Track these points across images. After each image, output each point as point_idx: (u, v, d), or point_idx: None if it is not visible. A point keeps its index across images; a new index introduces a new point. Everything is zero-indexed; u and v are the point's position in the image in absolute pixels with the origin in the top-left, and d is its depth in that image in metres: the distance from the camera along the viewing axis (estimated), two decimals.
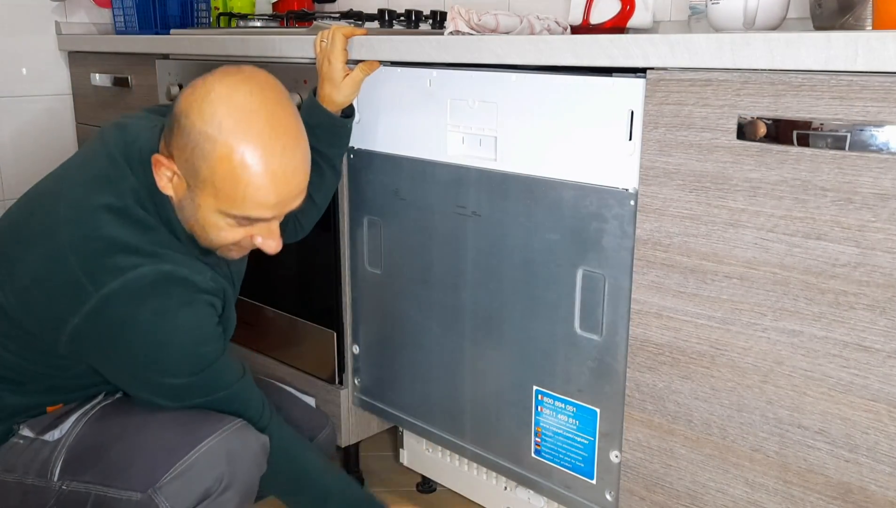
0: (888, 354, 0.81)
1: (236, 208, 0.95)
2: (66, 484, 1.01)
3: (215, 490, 0.98)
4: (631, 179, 0.98)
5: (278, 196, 0.95)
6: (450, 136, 1.17)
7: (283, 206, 0.97)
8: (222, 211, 0.96)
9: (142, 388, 1.01)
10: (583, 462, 1.11)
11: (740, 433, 0.94)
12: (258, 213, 0.96)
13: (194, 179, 0.95)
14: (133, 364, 0.98)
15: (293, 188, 0.97)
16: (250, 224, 0.98)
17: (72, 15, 2.08)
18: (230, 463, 0.99)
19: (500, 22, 1.25)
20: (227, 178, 0.93)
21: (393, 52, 1.19)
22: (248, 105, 0.93)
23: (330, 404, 1.43)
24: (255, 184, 0.93)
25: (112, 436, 1.03)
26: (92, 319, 0.94)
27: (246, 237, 1.00)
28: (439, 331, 1.25)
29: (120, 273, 0.93)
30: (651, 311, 0.98)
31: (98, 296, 0.93)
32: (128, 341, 0.95)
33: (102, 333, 0.95)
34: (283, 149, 0.94)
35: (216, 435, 1.00)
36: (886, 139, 0.78)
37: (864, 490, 0.86)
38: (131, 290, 0.93)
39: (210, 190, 0.94)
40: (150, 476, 0.97)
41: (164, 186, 0.98)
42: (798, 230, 0.85)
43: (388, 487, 1.54)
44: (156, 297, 0.95)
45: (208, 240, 1.00)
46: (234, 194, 0.94)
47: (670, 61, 0.90)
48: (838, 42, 0.77)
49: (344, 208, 1.35)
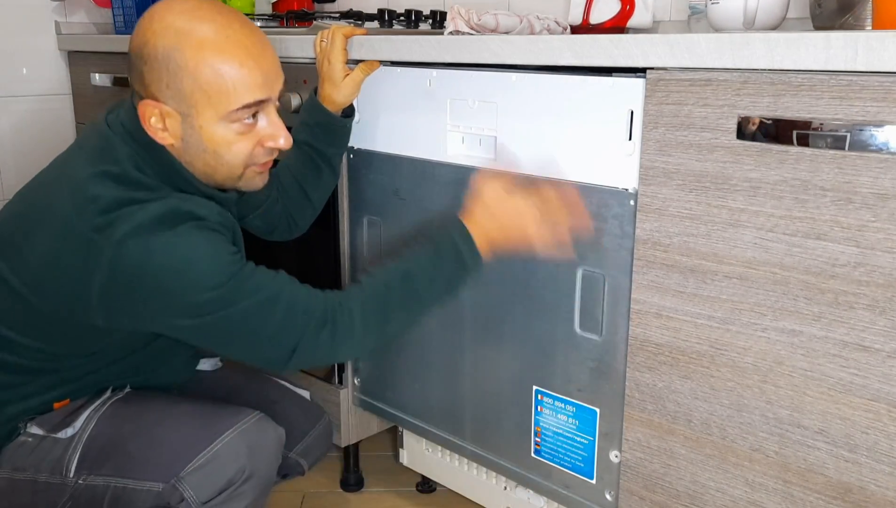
0: (888, 354, 0.81)
1: (232, 100, 0.96)
2: (82, 479, 1.01)
3: (237, 480, 1.00)
4: (631, 179, 0.98)
5: (261, 70, 0.97)
6: (450, 136, 1.17)
7: (270, 83, 0.99)
8: (222, 116, 0.97)
9: (184, 316, 0.96)
10: (582, 462, 1.11)
11: (740, 433, 0.94)
12: (253, 95, 0.97)
13: (184, 102, 0.96)
14: (168, 295, 0.94)
15: (270, 60, 0.99)
16: (253, 122, 0.99)
17: (72, 15, 2.08)
18: (251, 456, 1.01)
19: (500, 22, 1.25)
20: (209, 74, 0.95)
21: (393, 52, 1.19)
22: (188, 5, 0.97)
23: (330, 403, 1.43)
24: (236, 64, 0.95)
25: (130, 430, 1.03)
26: (114, 267, 0.93)
27: (257, 146, 1.01)
28: (439, 331, 1.25)
29: (128, 217, 0.93)
30: (651, 311, 0.98)
31: (113, 244, 0.92)
32: (155, 274, 0.93)
33: (130, 276, 0.93)
34: (241, 24, 0.98)
35: (236, 427, 1.01)
36: (886, 139, 0.78)
37: (864, 490, 0.86)
38: (143, 227, 0.93)
39: (202, 100, 0.96)
40: (173, 467, 0.99)
41: (161, 136, 0.98)
42: (798, 230, 0.85)
43: (388, 487, 1.54)
44: (168, 226, 0.94)
45: (227, 167, 1.00)
46: (223, 87, 0.95)
47: (670, 61, 0.90)
48: (838, 42, 0.77)
49: (344, 207, 1.35)
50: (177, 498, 0.99)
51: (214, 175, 1.02)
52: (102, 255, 0.92)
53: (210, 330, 0.96)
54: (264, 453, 1.03)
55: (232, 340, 0.97)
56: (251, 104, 0.97)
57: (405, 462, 1.48)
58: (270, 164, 1.05)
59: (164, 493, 0.99)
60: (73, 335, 1.02)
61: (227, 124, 0.97)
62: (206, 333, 0.97)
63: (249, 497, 1.02)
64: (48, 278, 0.96)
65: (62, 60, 2.06)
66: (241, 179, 1.03)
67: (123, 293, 0.94)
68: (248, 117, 0.98)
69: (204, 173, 1.01)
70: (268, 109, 1.01)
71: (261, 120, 1.00)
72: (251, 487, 1.02)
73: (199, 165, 1.00)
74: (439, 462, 1.41)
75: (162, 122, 0.97)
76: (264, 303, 0.96)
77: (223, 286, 0.94)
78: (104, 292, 0.94)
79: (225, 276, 0.95)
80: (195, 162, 1.00)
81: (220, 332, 0.96)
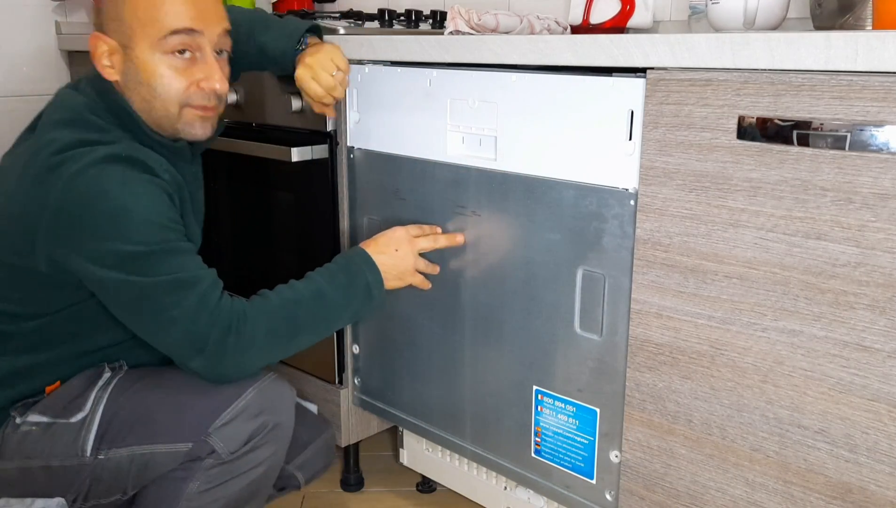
0: (888, 354, 0.81)
1: (162, 26, 1.02)
2: (102, 454, 1.05)
3: (261, 431, 1.07)
4: (631, 179, 0.98)
5: (193, 3, 1.03)
6: (450, 136, 1.17)
7: (204, 18, 1.04)
8: (153, 44, 1.02)
9: (105, 265, 1.00)
10: (583, 462, 1.11)
11: (740, 433, 0.94)
12: (181, 22, 1.02)
13: (124, 33, 1.03)
14: (98, 237, 0.98)
15: (206, 1, 1.05)
16: (188, 60, 1.05)
17: (72, 15, 2.08)
18: (272, 410, 1.08)
19: (500, 22, 1.25)
20: (144, 2, 1.02)
21: (393, 52, 1.20)
22: None
23: (330, 403, 1.43)
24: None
25: (149, 401, 1.08)
26: (62, 200, 0.98)
27: (191, 86, 1.05)
28: (439, 331, 1.25)
29: (80, 158, 0.99)
30: (651, 311, 0.98)
31: (64, 179, 0.98)
32: (95, 213, 0.98)
33: (73, 207, 0.98)
34: None
35: (255, 386, 1.08)
36: (886, 139, 0.78)
37: (864, 490, 0.86)
38: (93, 165, 0.99)
39: (138, 29, 1.02)
40: (201, 426, 1.05)
41: (108, 72, 1.05)
42: (798, 230, 0.85)
43: (388, 487, 1.54)
44: (117, 171, 1.00)
45: (161, 102, 1.05)
46: (155, 15, 1.02)
47: (670, 61, 0.90)
48: (838, 42, 0.77)
49: (344, 208, 1.35)
50: (207, 451, 1.05)
51: (151, 112, 1.06)
52: (53, 190, 0.98)
53: (122, 290, 1.00)
54: (282, 406, 1.10)
55: (140, 310, 1.01)
56: (179, 30, 1.02)
57: (405, 462, 1.48)
58: (212, 111, 1.09)
59: (193, 450, 1.05)
60: (24, 285, 1.05)
61: (161, 56, 1.03)
62: (117, 293, 1.01)
63: (272, 447, 1.09)
64: (5, 221, 1.03)
65: (62, 60, 2.06)
66: (179, 120, 1.07)
67: (64, 229, 0.99)
68: (180, 51, 1.04)
69: (143, 110, 1.06)
70: (203, 50, 1.06)
71: (199, 64, 1.06)
72: (273, 437, 1.09)
73: (137, 101, 1.06)
74: (439, 462, 1.41)
75: (109, 58, 1.05)
76: (181, 283, 1.00)
77: (149, 245, 0.99)
78: (49, 226, 0.99)
79: (155, 237, 1.00)
80: (134, 98, 1.06)
81: (130, 298, 1.00)
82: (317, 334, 1.12)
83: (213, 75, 1.06)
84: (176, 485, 1.06)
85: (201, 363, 1.03)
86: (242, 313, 1.04)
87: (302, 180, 1.38)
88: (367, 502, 1.50)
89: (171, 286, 1.00)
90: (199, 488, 1.06)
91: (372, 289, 1.15)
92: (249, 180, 1.48)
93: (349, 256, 1.17)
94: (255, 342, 1.04)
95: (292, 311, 1.08)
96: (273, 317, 1.06)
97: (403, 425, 1.36)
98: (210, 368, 1.04)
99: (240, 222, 1.53)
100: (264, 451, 1.09)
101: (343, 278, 1.13)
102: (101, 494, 1.08)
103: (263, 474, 1.10)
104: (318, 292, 1.10)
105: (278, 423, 1.09)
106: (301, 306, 1.09)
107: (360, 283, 1.14)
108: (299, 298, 1.09)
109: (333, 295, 1.11)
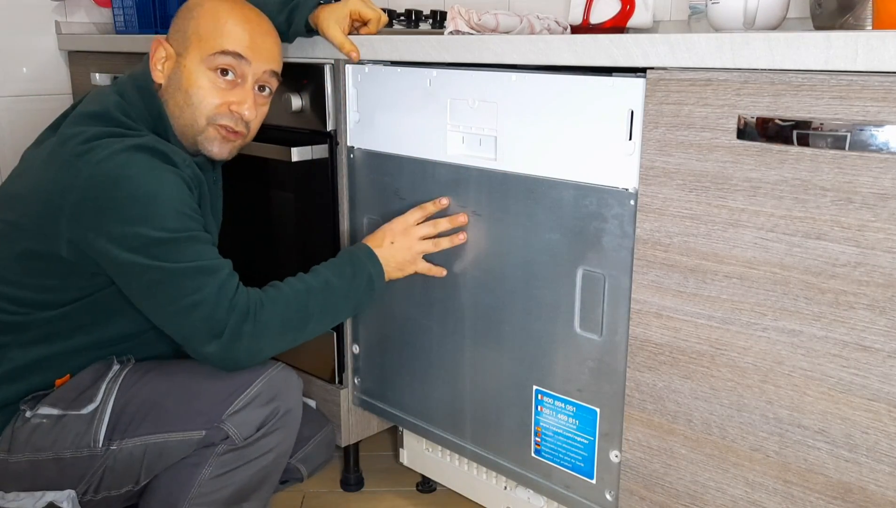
0: (888, 354, 0.81)
1: (215, 43, 1.10)
2: (114, 444, 1.07)
3: (272, 418, 1.11)
4: (631, 179, 0.98)
5: (252, 37, 1.12)
6: (450, 135, 1.17)
7: (256, 51, 1.12)
8: (203, 57, 1.10)
9: (129, 248, 1.02)
10: (583, 462, 1.11)
11: (740, 433, 0.94)
12: (234, 46, 1.10)
13: (183, 42, 1.12)
14: (127, 221, 1.01)
15: (265, 38, 1.14)
16: (229, 83, 1.11)
17: (72, 15, 2.08)
18: (281, 397, 1.12)
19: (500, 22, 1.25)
20: (208, 20, 1.11)
21: (393, 51, 1.20)
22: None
23: (330, 403, 1.43)
24: (233, 20, 1.11)
25: (160, 390, 1.10)
26: (89, 182, 1.01)
27: (223, 105, 1.12)
28: (439, 331, 1.25)
29: (108, 146, 1.03)
30: (651, 311, 0.98)
31: (92, 164, 1.02)
32: (122, 196, 1.01)
33: (100, 189, 1.01)
34: (250, 9, 1.15)
35: (265, 375, 1.11)
36: (886, 139, 0.78)
37: (864, 490, 0.86)
38: (120, 153, 1.03)
39: (195, 41, 1.10)
40: (215, 413, 1.08)
41: (156, 73, 1.13)
42: (798, 230, 0.85)
43: (388, 487, 1.54)
44: (143, 159, 1.04)
45: (192, 111, 1.11)
46: (214, 32, 1.10)
47: (670, 61, 0.90)
48: (838, 42, 0.77)
49: (344, 207, 1.35)
50: (220, 437, 1.08)
51: (181, 118, 1.12)
52: (80, 175, 1.02)
53: (143, 275, 1.02)
54: (292, 394, 1.14)
55: (159, 294, 1.03)
56: (229, 52, 1.10)
57: (405, 462, 1.48)
58: (236, 136, 1.14)
59: (207, 437, 1.08)
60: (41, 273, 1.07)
61: (205, 70, 1.11)
62: (137, 277, 1.03)
63: (283, 433, 1.13)
64: (30, 205, 1.05)
65: (62, 60, 2.06)
66: (202, 133, 1.13)
67: (90, 211, 1.01)
68: (224, 71, 1.11)
69: (173, 115, 1.12)
70: (246, 79, 1.12)
71: (237, 89, 1.12)
72: (283, 423, 1.13)
73: (171, 105, 1.12)
74: (439, 461, 1.41)
75: (163, 63, 1.13)
76: (202, 270, 1.04)
77: (174, 232, 1.02)
78: (74, 208, 1.02)
79: (180, 225, 1.03)
80: (169, 101, 1.12)
81: (151, 282, 1.02)
82: (324, 323, 1.14)
83: (246, 102, 1.13)
84: (189, 471, 1.09)
85: (216, 349, 1.04)
86: (259, 301, 1.07)
87: (302, 180, 1.38)
88: (367, 502, 1.50)
89: (193, 272, 1.02)
90: (211, 473, 1.09)
91: (374, 280, 1.18)
92: (250, 180, 1.48)
93: (352, 250, 1.20)
94: (269, 329, 1.07)
95: (304, 300, 1.11)
96: (287, 306, 1.09)
97: (403, 425, 1.36)
98: (224, 353, 1.05)
99: (240, 221, 1.53)
100: (275, 437, 1.12)
101: (349, 269, 1.17)
102: (113, 485, 1.09)
103: (273, 461, 1.13)
104: (327, 283, 1.14)
105: (289, 409, 1.13)
106: (312, 295, 1.12)
107: (364, 274, 1.17)
108: (310, 288, 1.12)
109: (340, 286, 1.15)
